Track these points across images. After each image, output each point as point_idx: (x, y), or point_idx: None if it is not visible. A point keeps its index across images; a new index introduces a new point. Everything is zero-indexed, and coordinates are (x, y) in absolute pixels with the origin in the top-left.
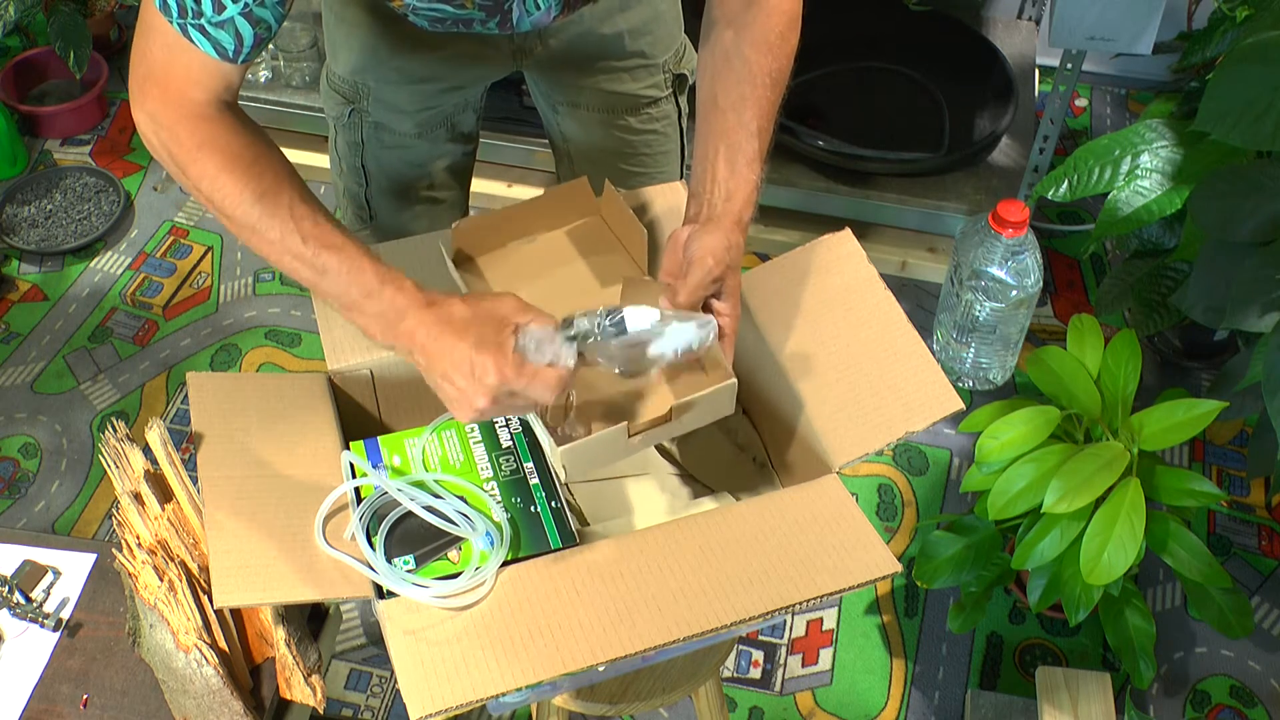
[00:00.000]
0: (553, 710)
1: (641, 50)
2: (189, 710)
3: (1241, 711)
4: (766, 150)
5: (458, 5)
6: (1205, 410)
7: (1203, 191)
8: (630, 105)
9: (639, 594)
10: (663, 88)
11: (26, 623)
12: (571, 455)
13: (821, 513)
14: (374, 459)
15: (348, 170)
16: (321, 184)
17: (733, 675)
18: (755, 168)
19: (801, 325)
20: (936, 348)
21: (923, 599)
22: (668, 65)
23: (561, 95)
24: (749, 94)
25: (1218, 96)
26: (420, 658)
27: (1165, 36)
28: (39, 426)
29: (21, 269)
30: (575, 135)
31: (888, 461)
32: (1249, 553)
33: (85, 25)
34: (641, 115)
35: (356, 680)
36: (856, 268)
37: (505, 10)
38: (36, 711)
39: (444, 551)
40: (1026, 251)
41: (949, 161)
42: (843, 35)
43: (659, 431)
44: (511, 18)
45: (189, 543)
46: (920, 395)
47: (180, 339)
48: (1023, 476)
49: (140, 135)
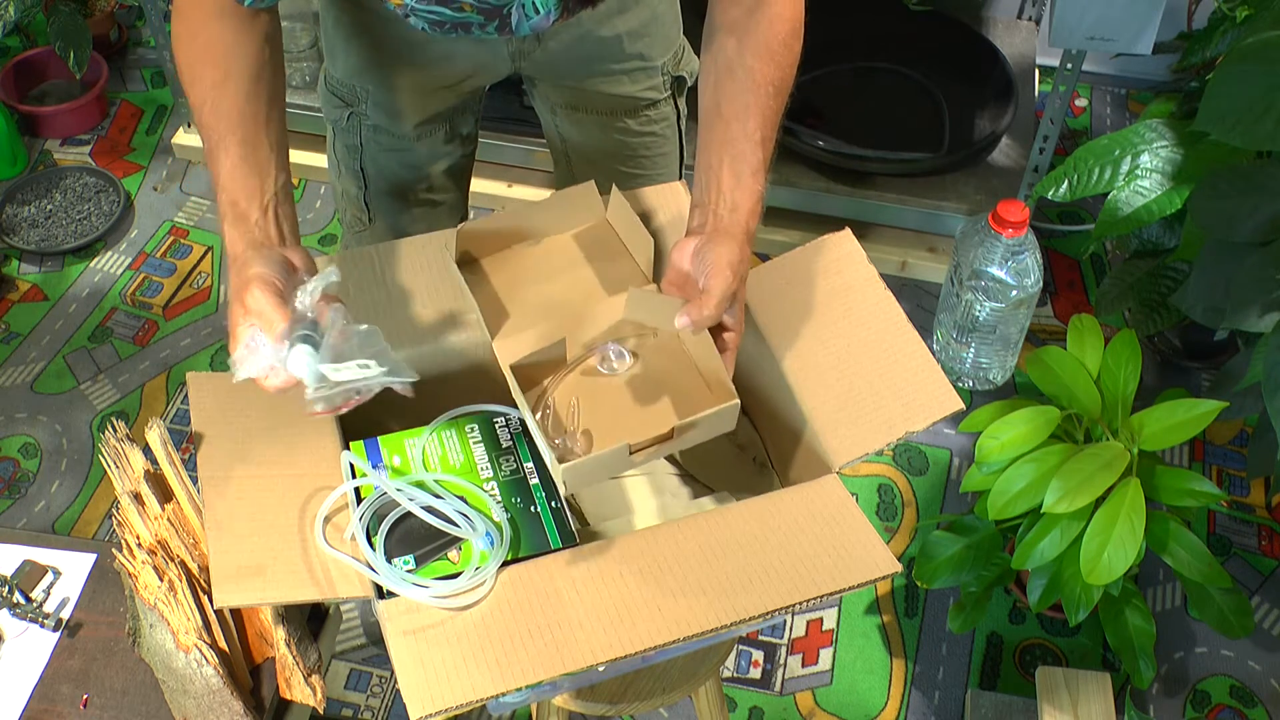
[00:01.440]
0: (553, 710)
1: (640, 53)
2: (189, 710)
3: (1241, 711)
4: (770, 159)
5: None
6: (1205, 410)
7: (1203, 191)
8: (629, 108)
9: (639, 594)
10: (661, 90)
11: (26, 623)
12: (572, 473)
13: (821, 513)
14: (374, 459)
15: (346, 173)
16: (322, 184)
17: (733, 675)
18: (760, 178)
19: (801, 325)
20: (936, 348)
21: (923, 599)
22: (666, 67)
23: (560, 98)
24: (752, 103)
25: (1218, 96)
26: (420, 658)
27: (1165, 36)
28: (39, 426)
29: (21, 269)
30: (574, 137)
31: (888, 461)
32: (1249, 553)
33: (85, 25)
34: (640, 117)
35: (356, 680)
36: (856, 268)
37: (504, 15)
38: (36, 711)
39: (444, 552)
40: (1026, 251)
41: (949, 161)
42: (843, 35)
43: (660, 449)
44: (510, 22)
45: (189, 543)
46: (920, 395)
47: (180, 339)
48: (1023, 476)
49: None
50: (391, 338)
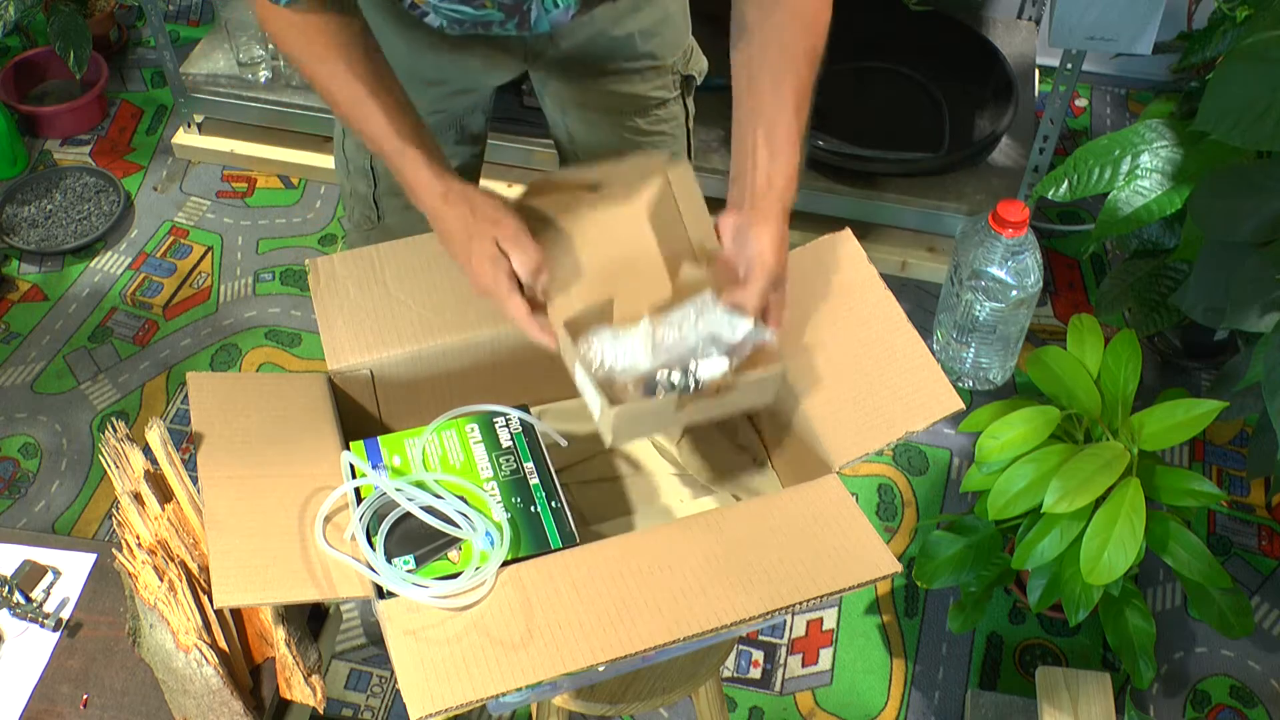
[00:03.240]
0: (553, 710)
1: (651, 52)
2: (189, 710)
3: (1241, 711)
4: (805, 127)
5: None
6: (1205, 410)
7: (1203, 191)
8: (639, 107)
9: (639, 594)
10: (671, 89)
11: (26, 623)
12: (623, 418)
13: (821, 513)
14: (374, 459)
15: (355, 171)
16: (322, 184)
17: (733, 675)
18: (795, 146)
19: (801, 325)
20: (936, 348)
21: (923, 599)
22: (676, 67)
23: (570, 97)
24: (786, 72)
25: (1218, 96)
26: (420, 658)
27: (1165, 36)
28: (39, 426)
29: (21, 269)
30: (583, 136)
31: (888, 461)
32: (1249, 553)
33: (85, 25)
34: (650, 117)
35: (356, 680)
36: (856, 267)
37: (524, 10)
38: (36, 711)
39: (444, 551)
40: (1026, 251)
41: (949, 161)
42: (843, 35)
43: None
44: (530, 18)
45: (189, 543)
46: (920, 395)
47: (180, 339)
48: (1023, 476)
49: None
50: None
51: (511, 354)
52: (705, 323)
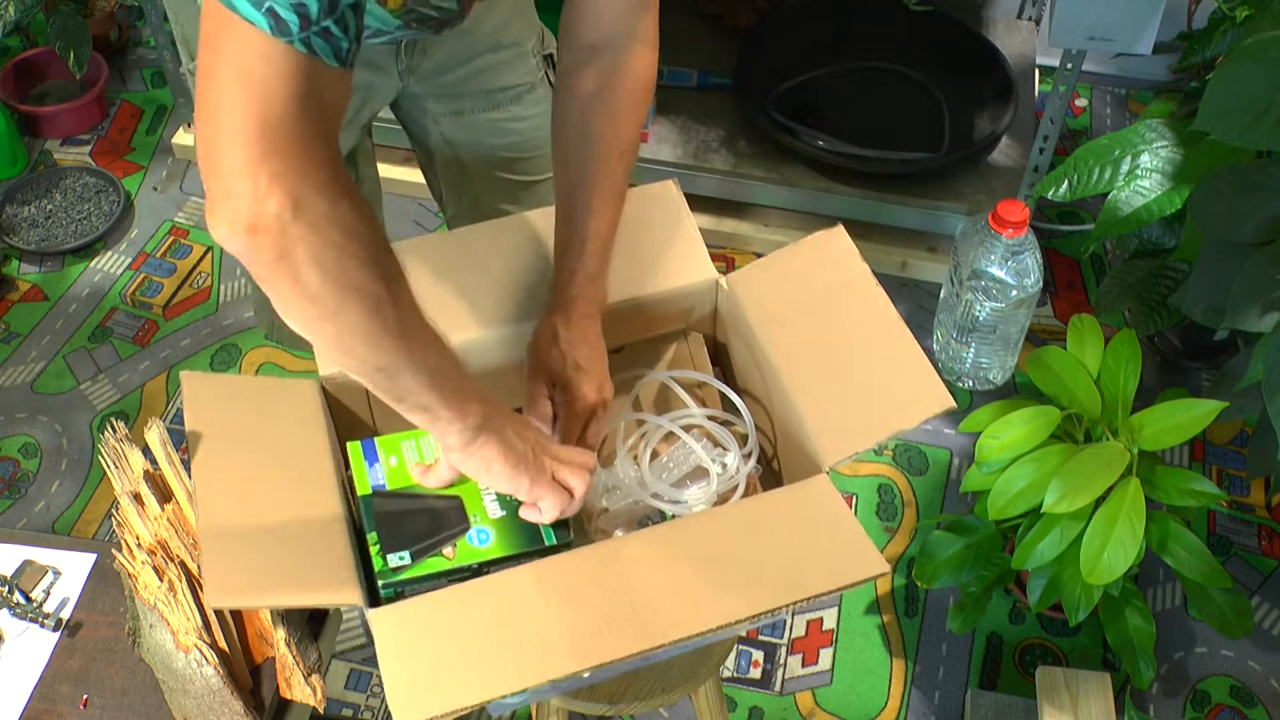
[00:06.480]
0: (553, 710)
1: (514, 40)
2: (189, 710)
3: (1241, 711)
4: (617, 215)
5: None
6: (1205, 410)
7: (1203, 191)
8: (512, 97)
9: (635, 595)
10: (536, 71)
11: (26, 623)
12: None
13: (810, 514)
14: (370, 459)
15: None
16: None
17: (733, 675)
18: (608, 238)
19: (793, 322)
20: (936, 348)
21: (923, 599)
22: (536, 49)
23: (445, 105)
24: (601, 171)
25: (1218, 96)
26: (408, 665)
27: (1165, 36)
28: (39, 426)
29: (21, 269)
30: (463, 138)
31: (888, 461)
32: (1249, 553)
33: (85, 25)
34: (524, 102)
35: (356, 680)
36: (849, 265)
37: None
38: (36, 711)
39: (439, 548)
40: (1026, 251)
41: (949, 161)
42: (843, 35)
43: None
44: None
45: (189, 543)
46: (911, 393)
47: (180, 339)
48: (1023, 476)
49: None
50: None
51: (504, 358)
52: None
